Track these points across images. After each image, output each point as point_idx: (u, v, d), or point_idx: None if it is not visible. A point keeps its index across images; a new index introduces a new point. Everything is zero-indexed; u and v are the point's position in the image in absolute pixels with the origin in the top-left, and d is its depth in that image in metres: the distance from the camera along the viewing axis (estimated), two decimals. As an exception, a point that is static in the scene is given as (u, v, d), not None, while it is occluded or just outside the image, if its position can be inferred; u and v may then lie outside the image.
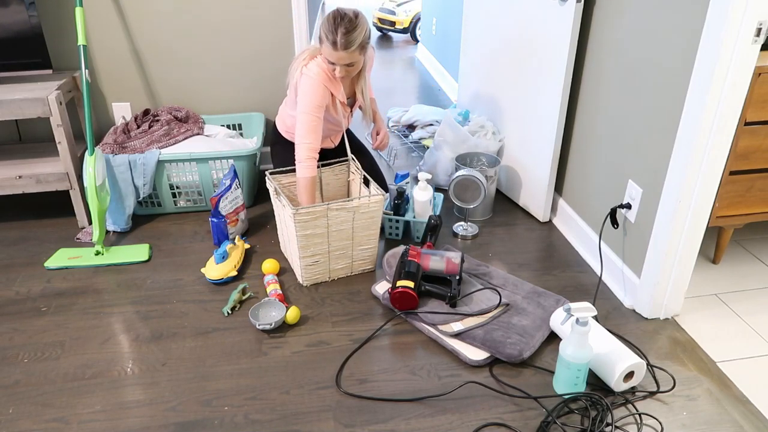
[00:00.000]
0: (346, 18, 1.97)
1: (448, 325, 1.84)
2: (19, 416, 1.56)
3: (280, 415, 1.57)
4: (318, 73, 2.06)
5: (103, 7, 2.51)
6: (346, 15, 1.98)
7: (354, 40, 1.97)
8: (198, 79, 2.72)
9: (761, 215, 2.08)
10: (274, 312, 1.90)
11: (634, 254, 1.98)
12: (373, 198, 2.02)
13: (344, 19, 1.96)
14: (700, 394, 1.65)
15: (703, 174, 1.70)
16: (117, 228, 2.39)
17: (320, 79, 2.06)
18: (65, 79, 2.41)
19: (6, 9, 2.25)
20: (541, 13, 2.26)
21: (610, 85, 2.05)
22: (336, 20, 1.96)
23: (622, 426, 1.55)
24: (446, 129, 2.67)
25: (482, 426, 1.54)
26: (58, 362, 1.75)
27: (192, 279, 2.12)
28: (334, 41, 1.96)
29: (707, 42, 1.55)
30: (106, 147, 2.39)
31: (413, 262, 1.94)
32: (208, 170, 2.44)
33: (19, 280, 2.11)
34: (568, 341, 1.58)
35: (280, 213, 2.11)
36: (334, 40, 1.96)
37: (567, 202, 2.43)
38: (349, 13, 1.99)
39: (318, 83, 2.06)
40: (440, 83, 4.50)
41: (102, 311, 1.96)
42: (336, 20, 1.96)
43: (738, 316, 1.98)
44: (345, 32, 1.95)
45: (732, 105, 1.61)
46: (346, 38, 1.95)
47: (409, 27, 6.00)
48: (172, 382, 1.68)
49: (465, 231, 2.42)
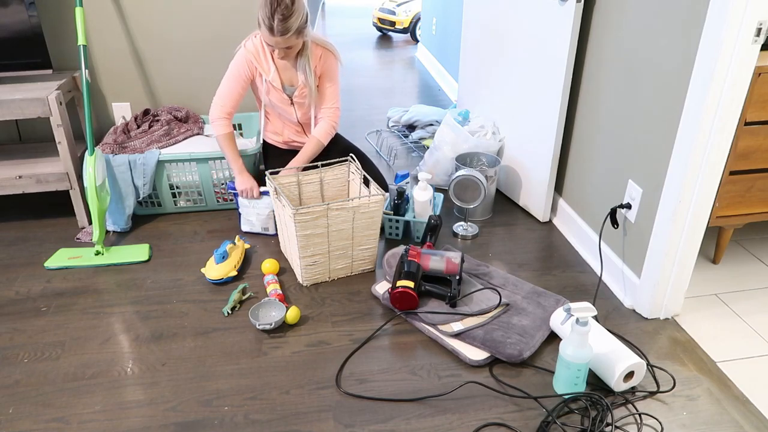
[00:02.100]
0: (282, 4, 1.99)
1: (448, 325, 1.84)
2: (19, 416, 1.56)
3: (280, 415, 1.57)
4: (250, 48, 2.21)
5: (103, 7, 2.51)
6: (283, 1, 1.99)
7: (290, 27, 2.02)
8: (198, 79, 2.72)
9: (761, 215, 2.08)
10: (274, 312, 1.90)
11: (634, 254, 1.98)
12: (373, 198, 2.02)
13: (281, 5, 1.99)
14: (700, 394, 1.65)
15: (703, 174, 1.70)
16: (117, 228, 2.39)
17: (247, 54, 2.21)
18: (65, 79, 2.41)
19: (6, 9, 2.25)
20: (541, 13, 2.26)
21: (610, 85, 2.05)
22: (272, 6, 1.99)
23: (622, 426, 1.55)
24: (446, 129, 2.67)
25: (482, 426, 1.54)
26: (58, 362, 1.75)
27: (192, 279, 2.12)
28: (271, 27, 2.01)
29: (707, 42, 1.55)
30: (106, 147, 2.39)
31: (413, 262, 1.94)
32: (208, 170, 2.44)
33: (19, 280, 2.11)
34: (568, 341, 1.58)
35: (280, 213, 2.11)
36: (270, 25, 2.00)
37: (567, 202, 2.43)
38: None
39: (243, 56, 2.22)
40: (440, 83, 4.50)
41: (102, 311, 1.96)
42: (272, 6, 1.99)
43: (738, 316, 1.98)
44: (282, 18, 1.99)
45: (732, 105, 1.61)
46: (283, 25, 2.00)
47: (409, 27, 6.00)
48: (172, 382, 1.68)
49: (465, 231, 2.42)
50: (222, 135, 2.27)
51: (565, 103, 2.26)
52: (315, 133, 2.35)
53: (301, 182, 2.26)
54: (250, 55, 2.22)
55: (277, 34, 2.02)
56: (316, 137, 2.34)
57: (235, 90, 2.26)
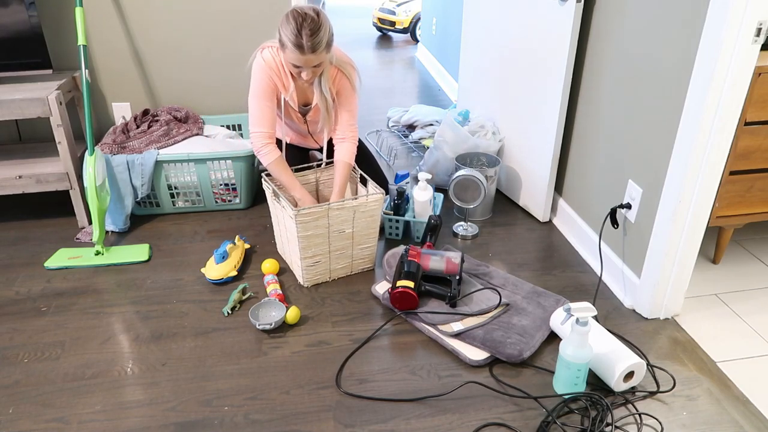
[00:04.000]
0: (308, 18, 1.84)
1: (448, 325, 1.84)
2: (19, 416, 1.56)
3: (280, 415, 1.57)
4: (269, 60, 2.01)
5: (103, 7, 2.51)
6: (308, 15, 1.85)
7: (321, 41, 1.86)
8: (198, 79, 2.72)
9: (761, 215, 2.08)
10: (274, 312, 1.90)
11: (634, 254, 1.98)
12: (372, 197, 2.02)
13: (306, 19, 1.84)
14: (700, 394, 1.65)
15: (703, 174, 1.70)
16: (115, 228, 2.38)
17: (268, 66, 2.02)
18: (65, 79, 2.41)
19: (6, 9, 2.25)
20: (541, 13, 2.26)
21: (610, 85, 2.05)
22: (298, 22, 1.84)
23: (622, 426, 1.55)
24: (446, 129, 2.67)
25: (482, 426, 1.54)
26: (58, 362, 1.75)
27: (192, 279, 2.12)
28: (300, 45, 1.84)
29: (707, 42, 1.55)
30: (105, 147, 2.39)
31: (413, 262, 1.94)
32: (206, 171, 2.44)
33: (19, 280, 2.11)
34: (568, 341, 1.58)
35: (279, 215, 2.10)
36: (300, 43, 1.84)
37: (567, 202, 2.43)
38: (311, 12, 1.87)
39: (264, 69, 2.02)
40: (440, 83, 4.50)
41: (102, 311, 1.96)
42: (298, 22, 1.84)
43: (738, 316, 1.98)
44: (310, 34, 1.83)
45: (732, 105, 1.61)
46: (313, 40, 1.84)
47: (409, 27, 6.00)
48: (172, 382, 1.68)
49: (465, 231, 2.42)
50: (273, 162, 2.07)
51: (565, 103, 2.26)
52: (342, 157, 2.16)
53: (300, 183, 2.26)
54: (271, 71, 2.03)
55: (308, 51, 1.84)
56: (345, 161, 2.16)
57: (268, 108, 2.05)
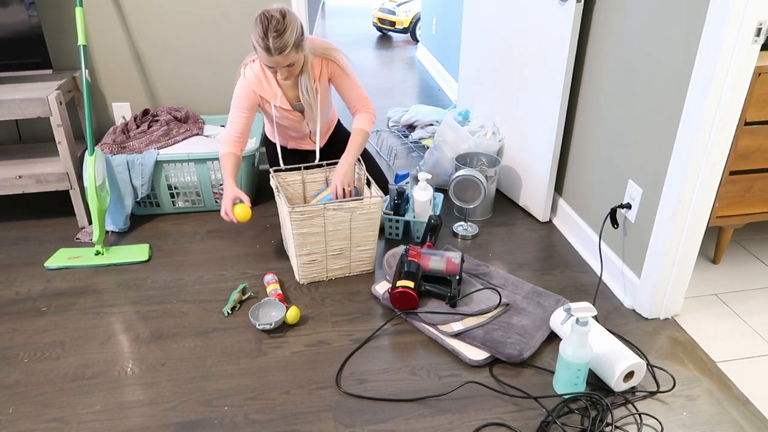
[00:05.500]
0: (273, 20, 1.87)
1: (448, 325, 1.84)
2: (19, 416, 1.56)
3: (280, 415, 1.57)
4: (250, 78, 2.10)
5: (103, 7, 2.51)
6: (273, 17, 1.88)
7: (287, 42, 1.88)
8: (198, 79, 2.73)
9: (761, 215, 2.08)
10: (274, 312, 1.90)
11: (634, 254, 1.98)
12: (371, 200, 2.02)
13: (271, 21, 1.87)
14: (700, 394, 1.65)
15: (703, 174, 1.70)
16: (115, 228, 2.39)
17: (249, 84, 2.10)
18: (65, 79, 2.41)
19: (6, 9, 2.25)
20: (541, 13, 2.26)
21: (610, 85, 2.05)
22: (264, 25, 1.86)
23: (622, 426, 1.55)
24: (446, 129, 2.67)
25: (482, 426, 1.54)
26: (58, 362, 1.75)
27: (192, 279, 2.12)
28: (267, 47, 1.87)
29: (707, 42, 1.55)
30: (105, 147, 2.39)
31: (413, 262, 1.94)
32: (206, 171, 2.44)
33: (19, 280, 2.11)
34: (568, 341, 1.58)
35: (280, 210, 2.11)
36: (267, 45, 1.87)
37: (567, 202, 2.43)
38: (276, 14, 1.89)
39: (245, 87, 2.11)
40: (440, 83, 4.50)
41: (102, 311, 1.96)
42: (264, 25, 1.86)
43: (738, 316, 1.98)
44: (276, 36, 1.86)
45: (732, 105, 1.61)
46: (279, 41, 1.87)
47: (409, 27, 6.00)
48: (172, 382, 1.68)
49: (465, 231, 2.42)
50: (221, 156, 2.14)
51: (565, 103, 2.26)
52: (358, 124, 2.22)
53: (305, 180, 2.26)
54: (253, 86, 2.10)
55: (275, 52, 1.88)
56: (359, 127, 2.21)
57: (240, 117, 2.13)
